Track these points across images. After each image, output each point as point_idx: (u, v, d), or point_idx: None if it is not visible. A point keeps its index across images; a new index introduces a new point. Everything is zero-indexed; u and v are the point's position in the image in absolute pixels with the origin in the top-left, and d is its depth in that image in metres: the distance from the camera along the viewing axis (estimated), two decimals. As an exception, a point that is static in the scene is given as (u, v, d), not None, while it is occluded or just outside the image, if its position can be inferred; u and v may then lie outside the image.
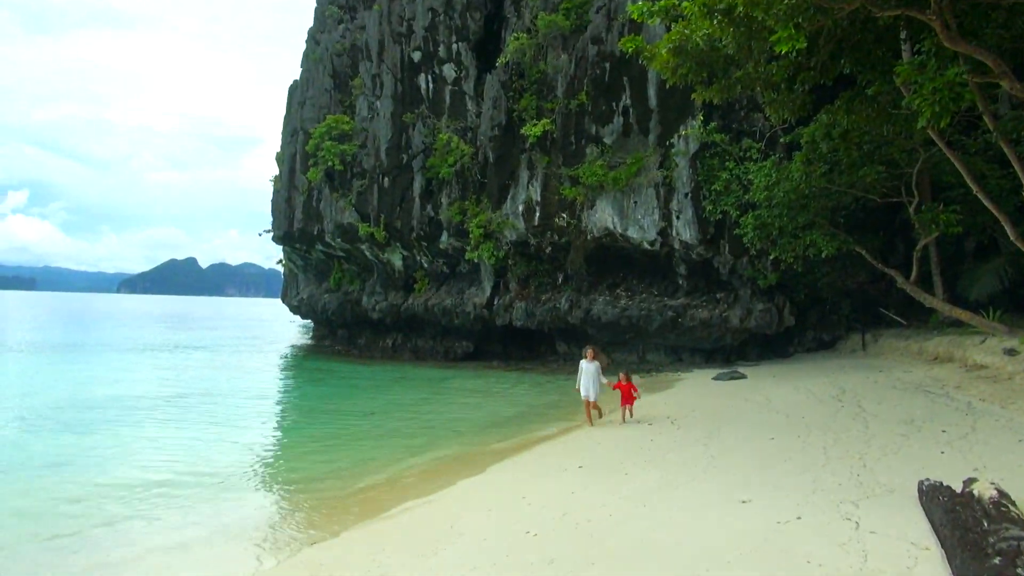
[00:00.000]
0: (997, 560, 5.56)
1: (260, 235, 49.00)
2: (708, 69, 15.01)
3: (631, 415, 16.06)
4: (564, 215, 29.85)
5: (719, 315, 27.04)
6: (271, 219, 45.63)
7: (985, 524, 6.22)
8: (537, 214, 30.60)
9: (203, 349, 44.51)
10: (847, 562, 6.51)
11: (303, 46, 46.45)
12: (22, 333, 54.10)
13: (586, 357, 15.94)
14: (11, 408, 19.75)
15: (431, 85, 34.89)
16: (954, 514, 6.70)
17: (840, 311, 28.34)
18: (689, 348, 28.92)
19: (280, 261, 53.75)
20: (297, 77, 45.37)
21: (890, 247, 25.76)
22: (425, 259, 36.52)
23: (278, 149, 46.14)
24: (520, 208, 31.03)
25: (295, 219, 40.74)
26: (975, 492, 7.02)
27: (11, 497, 10.85)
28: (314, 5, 47.89)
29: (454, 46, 34.11)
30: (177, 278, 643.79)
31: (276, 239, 45.28)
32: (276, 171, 45.92)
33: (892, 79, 14.60)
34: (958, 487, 7.60)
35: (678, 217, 27.14)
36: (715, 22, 12.97)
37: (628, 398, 15.89)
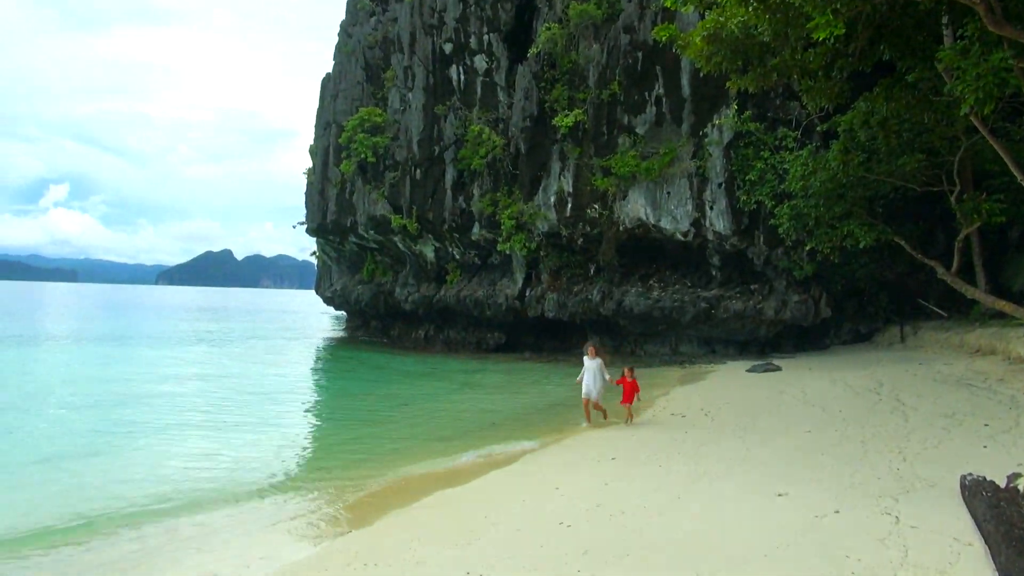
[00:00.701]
0: (1043, 557, 5.45)
1: (294, 227, 49.56)
2: (743, 57, 14.78)
3: (629, 416, 15.09)
4: (596, 206, 29.70)
5: (753, 306, 26.74)
6: (305, 211, 46.08)
7: (1031, 520, 6.09)
8: (569, 205, 30.50)
9: (239, 339, 45.22)
10: (887, 557, 6.42)
11: (336, 39, 46.74)
12: (70, 323, 55.49)
13: (587, 354, 15.26)
14: (57, 397, 20.28)
15: (462, 76, 34.89)
16: (998, 510, 6.57)
17: (878, 303, 27.85)
18: (722, 340, 28.66)
19: (314, 253, 54.32)
20: (330, 70, 45.67)
21: (930, 237, 25.23)
22: (457, 251, 36.61)
23: (311, 142, 46.55)
24: (552, 199, 30.95)
25: (328, 211, 41.09)
26: (1020, 488, 6.88)
27: (50, 484, 11.15)
28: (346, -2, 48.14)
29: (485, 37, 34.05)
30: (213, 270, 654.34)
31: (310, 231, 45.74)
32: (310, 164, 46.34)
33: (933, 65, 14.26)
34: (1002, 482, 7.45)
35: (711, 207, 26.86)
36: (750, 9, 12.77)
37: (629, 396, 14.96)
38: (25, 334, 43.58)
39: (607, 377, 14.99)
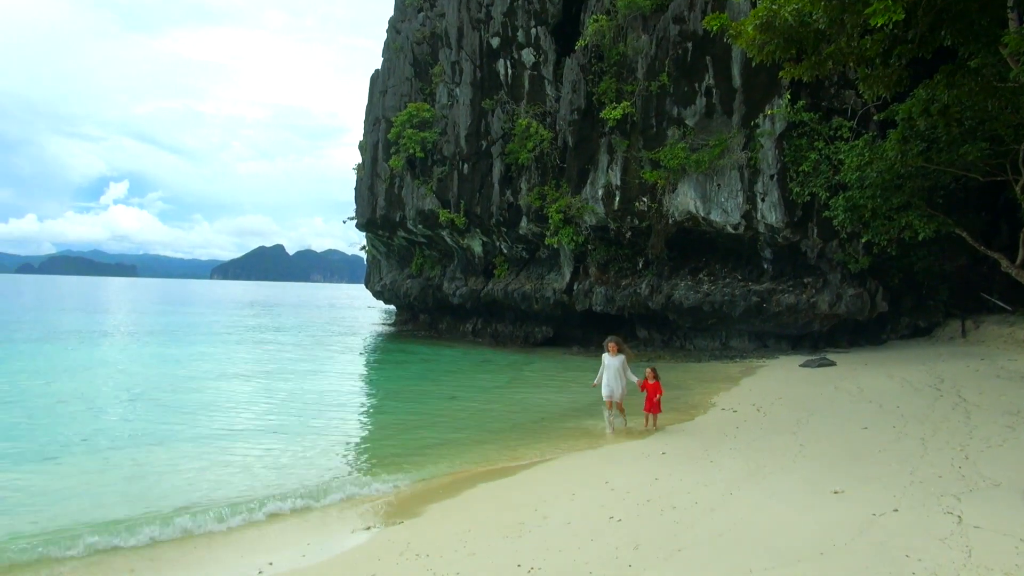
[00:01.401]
0: (1118, 561, 5.24)
1: (344, 222, 50.31)
2: (797, 45, 14.44)
3: (654, 423, 13.83)
4: (645, 199, 29.42)
5: (807, 300, 26.19)
6: (355, 206, 46.71)
7: (1103, 522, 5.86)
8: (617, 198, 30.28)
9: (289, 333, 46.10)
10: (949, 557, 6.26)
11: (384, 35, 47.20)
12: (136, 317, 57.37)
13: (608, 351, 14.00)
14: (122, 388, 20.99)
15: (510, 70, 34.89)
16: (1068, 511, 6.34)
17: (938, 296, 27.01)
18: (774, 334, 28.14)
19: (363, 247, 55.05)
20: (379, 66, 46.14)
21: (993, 228, 24.33)
22: (504, 244, 36.69)
23: (361, 138, 47.14)
24: (600, 192, 30.77)
25: (378, 206, 41.57)
26: (1092, 488, 6.63)
27: (118, 470, 11.53)
28: (394, -6, 48.52)
29: (533, 30, 33.97)
30: (265, 264, 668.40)
31: (360, 226, 46.36)
32: (359, 159, 46.93)
33: (997, 50, 13.74)
34: (1072, 482, 7.19)
35: (763, 200, 26.36)
36: (805, -4, 12.48)
37: (652, 403, 13.74)
38: (94, 328, 45.19)
39: (633, 378, 13.86)
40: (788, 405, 15.63)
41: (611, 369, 13.77)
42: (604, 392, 13.89)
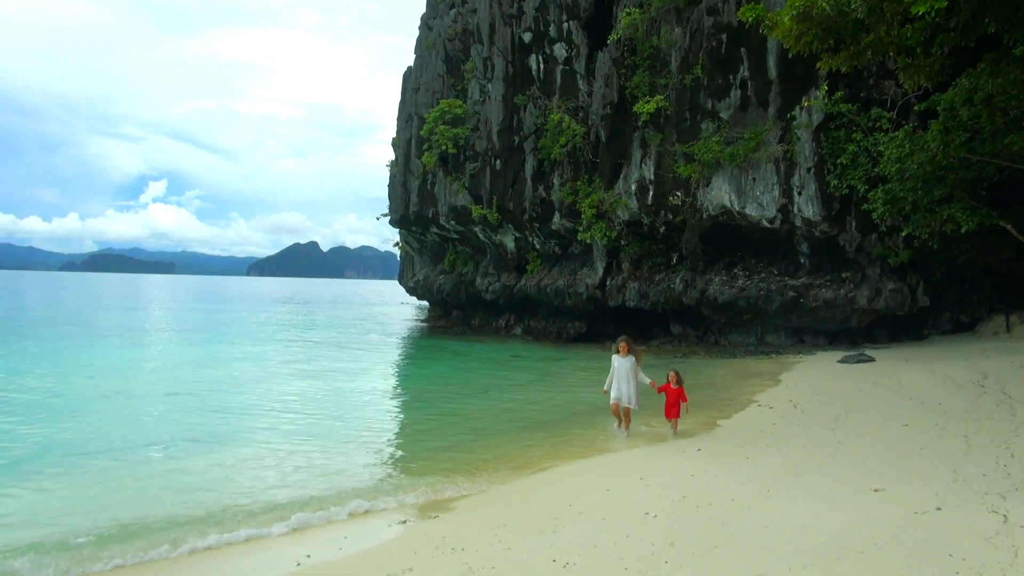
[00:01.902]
0: None
1: (377, 219, 50.80)
2: (835, 35, 14.19)
3: (674, 430, 12.96)
4: (678, 193, 29.16)
5: (845, 295, 25.76)
6: (388, 203, 47.05)
7: None
8: (650, 193, 30.06)
9: (325, 328, 46.65)
10: (994, 557, 6.12)
11: (416, 33, 47.37)
12: (176, 315, 58.57)
13: (618, 351, 12.93)
14: (163, 385, 21.43)
15: (542, 66, 34.81)
16: (1120, 511, 6.16)
17: (981, 290, 26.38)
18: (812, 330, 27.74)
19: (397, 244, 55.43)
20: (411, 63, 46.37)
21: (1040, 221, 23.68)
22: (537, 240, 36.67)
23: (394, 135, 47.43)
24: (633, 187, 30.57)
25: (411, 202, 41.80)
26: None
27: (158, 465, 11.78)
28: (426, -8, 48.67)
29: (565, 25, 33.84)
30: (300, 261, 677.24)
31: (393, 222, 46.68)
32: (392, 156, 47.24)
33: (1045, 37, 13.36)
34: (1124, 482, 6.98)
35: (800, 193, 25.97)
36: (843, -15, 12.25)
37: (675, 408, 12.85)
38: (135, 326, 46.21)
39: (646, 380, 12.91)
40: (826, 402, 15.40)
41: (621, 371, 12.79)
42: (612, 396, 12.84)
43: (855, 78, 25.00)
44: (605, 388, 13.06)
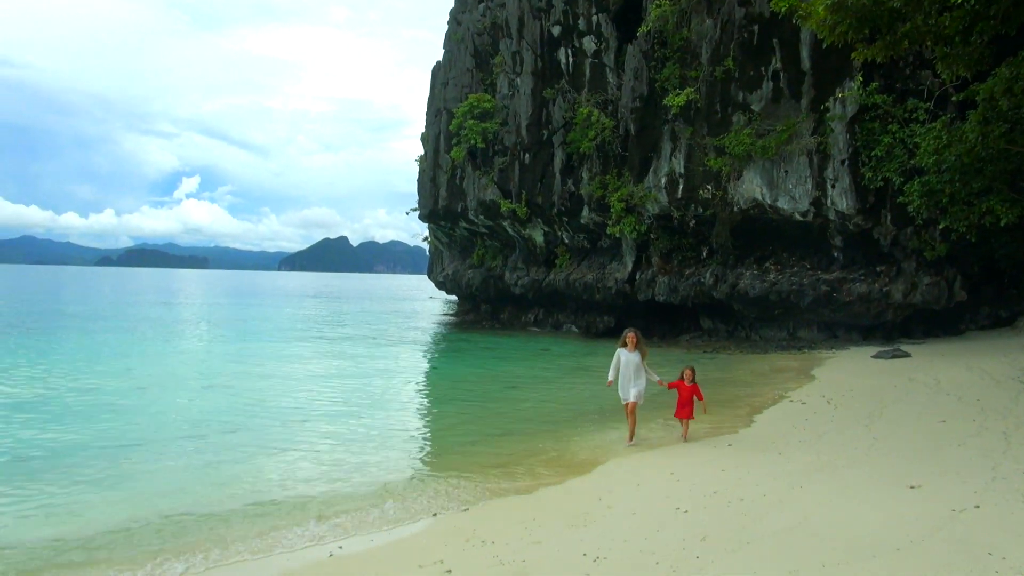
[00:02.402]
0: None
1: (407, 213, 50.96)
2: (870, 25, 13.92)
3: (684, 433, 12.09)
4: (709, 187, 28.88)
5: (879, 289, 25.32)
6: (417, 198, 47.23)
7: None
8: (680, 186, 29.81)
9: (355, 322, 47.03)
10: (1036, 556, 5.98)
11: (445, 28, 47.43)
12: (210, 309, 59.51)
13: (625, 345, 11.80)
14: (197, 377, 21.79)
15: (571, 59, 34.66)
16: None
17: (1021, 285, 25.76)
18: (845, 324, 27.31)
19: (425, 238, 55.66)
20: (440, 58, 46.44)
21: (1083, 213, 23.02)
22: (566, 234, 36.57)
23: (423, 129, 47.57)
24: (663, 181, 30.33)
25: (439, 197, 41.91)
26: None
27: (197, 457, 11.98)
28: (455, -14, 48.67)
29: (594, 18, 33.64)
30: (330, 256, 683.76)
31: (422, 217, 46.85)
32: (421, 151, 47.40)
33: (1090, 24, 12.98)
34: None
35: (833, 186, 25.56)
36: (880, -27, 12.02)
37: (688, 407, 11.87)
38: (171, 319, 47.01)
39: (655, 377, 11.86)
40: (860, 397, 15.18)
41: (628, 368, 11.68)
42: (620, 394, 11.82)
43: (891, 68, 24.51)
44: (611, 379, 11.89)
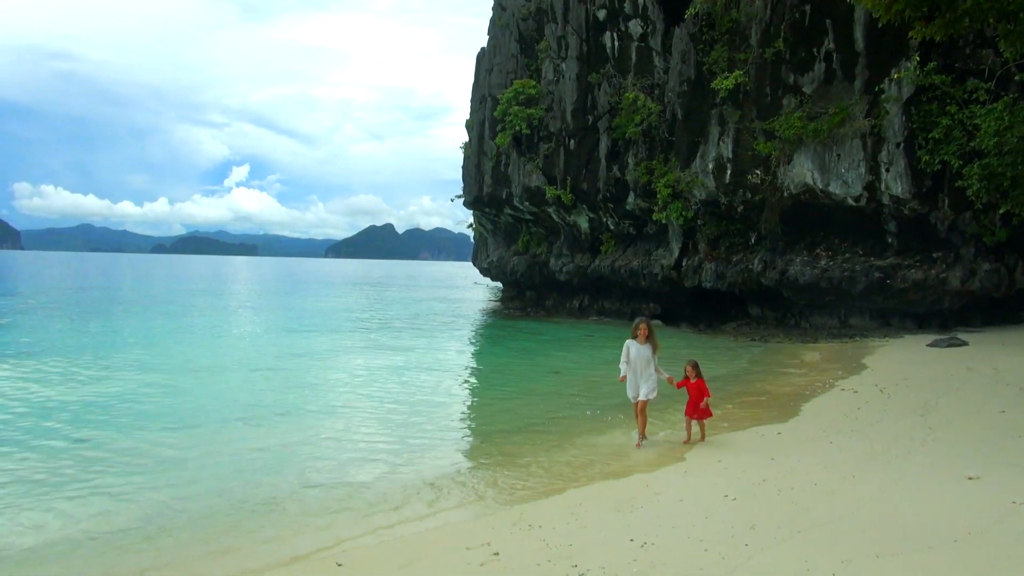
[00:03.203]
0: None
1: (451, 200, 51.18)
2: (929, 2, 13.46)
3: (702, 434, 11.01)
4: (758, 171, 28.34)
5: (936, 276, 24.60)
6: (462, 185, 47.38)
7: None
8: (728, 171, 29.32)
9: (401, 308, 47.49)
10: (1102, 551, 5.79)
11: (490, 13, 47.29)
12: (263, 295, 60.79)
13: (636, 336, 10.86)
14: (250, 360, 22.29)
15: (616, 43, 34.26)
16: None
17: (1086, 271, 24.78)
18: (899, 312, 26.60)
19: (470, 225, 55.86)
20: (484, 44, 46.36)
21: None
22: (611, 220, 36.33)
23: (467, 117, 47.63)
24: (710, 166, 29.87)
25: (484, 184, 41.97)
26: None
27: (253, 440, 12.26)
28: (500, -29, 48.45)
29: (640, 1, 33.19)
30: (376, 243, 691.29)
31: (467, 204, 47.00)
32: (466, 138, 47.49)
33: None
34: None
35: (888, 170, 24.86)
36: (940, -52, 11.60)
37: (697, 405, 10.77)
38: (225, 304, 48.16)
39: (665, 374, 10.96)
40: (915, 386, 14.81)
41: (639, 362, 10.75)
42: (630, 394, 10.92)
43: (950, 47, 23.65)
44: (623, 375, 10.97)
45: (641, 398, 10.76)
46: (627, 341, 11.00)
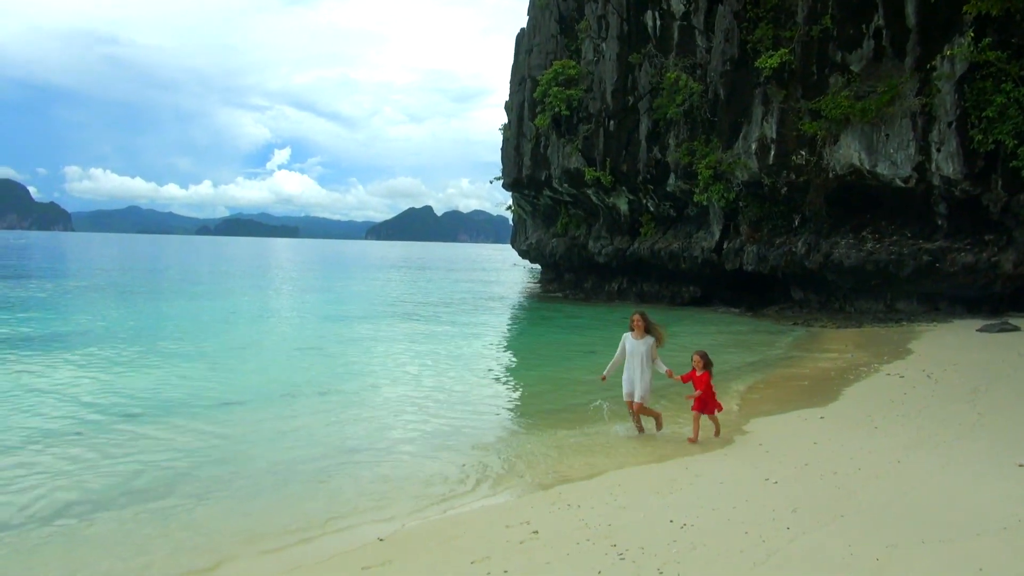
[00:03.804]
0: None
1: (490, 183, 51.27)
2: (986, -25, 13.00)
3: (716, 430, 10.22)
4: (803, 152, 27.76)
5: (987, 259, 23.89)
6: (500, 166, 47.34)
7: None
8: (772, 152, 28.75)
9: (440, 289, 47.81)
10: None
11: (529, -7, 46.94)
12: (304, 276, 61.73)
13: (632, 330, 10.26)
14: (290, 339, 22.70)
15: (658, 22, 33.74)
16: None
17: None
18: (948, 296, 25.91)
19: (509, 207, 55.83)
20: (524, 25, 46.06)
21: None
22: (651, 202, 35.99)
23: (506, 98, 47.48)
24: (753, 146, 29.34)
25: (523, 166, 41.87)
26: None
27: (294, 420, 12.50)
28: (540, -49, 47.98)
29: (683, -22, 32.62)
30: (415, 225, 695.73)
31: (506, 186, 46.98)
32: (505, 119, 47.36)
33: None
34: None
35: (939, 150, 24.14)
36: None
37: (709, 399, 9.99)
38: (265, 285, 49.01)
39: (663, 367, 10.18)
40: (964, 372, 14.46)
41: (635, 357, 10.14)
42: (625, 389, 10.37)
43: (1006, 22, 22.76)
44: (604, 374, 10.59)
45: (636, 399, 10.23)
46: (624, 335, 10.44)
